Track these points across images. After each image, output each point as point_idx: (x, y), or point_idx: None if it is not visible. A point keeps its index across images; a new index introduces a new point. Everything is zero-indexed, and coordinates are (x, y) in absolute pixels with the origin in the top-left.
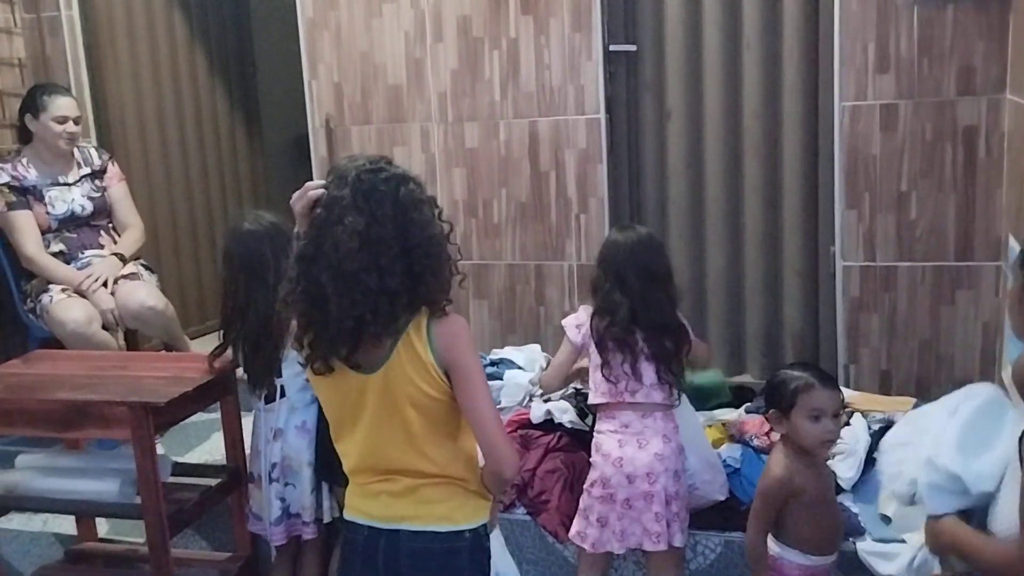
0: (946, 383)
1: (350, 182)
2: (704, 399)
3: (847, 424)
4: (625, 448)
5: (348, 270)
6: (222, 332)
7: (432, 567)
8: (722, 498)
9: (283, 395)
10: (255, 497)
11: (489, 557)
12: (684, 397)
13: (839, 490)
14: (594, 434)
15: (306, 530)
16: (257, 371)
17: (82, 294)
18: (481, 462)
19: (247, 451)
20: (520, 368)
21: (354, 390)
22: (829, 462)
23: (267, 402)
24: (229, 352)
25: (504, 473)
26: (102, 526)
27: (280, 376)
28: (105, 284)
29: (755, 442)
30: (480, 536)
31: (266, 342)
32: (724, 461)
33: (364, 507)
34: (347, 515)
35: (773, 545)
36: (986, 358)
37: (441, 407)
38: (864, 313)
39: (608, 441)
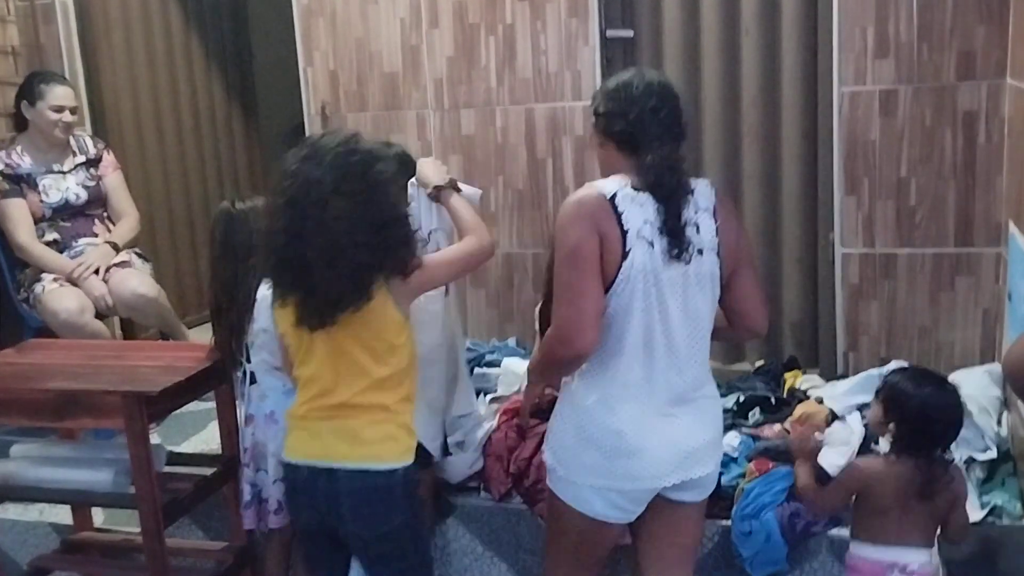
0: (946, 370)
1: (327, 164)
2: None
3: (840, 419)
4: None
5: (334, 248)
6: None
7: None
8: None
9: (253, 381)
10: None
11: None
12: None
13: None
14: None
15: (271, 518)
16: (233, 353)
17: (74, 283)
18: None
19: None
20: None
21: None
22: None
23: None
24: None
25: None
26: (98, 516)
27: (249, 361)
28: (96, 272)
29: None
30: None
31: (241, 325)
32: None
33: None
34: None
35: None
36: (986, 344)
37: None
38: (863, 300)
39: None
